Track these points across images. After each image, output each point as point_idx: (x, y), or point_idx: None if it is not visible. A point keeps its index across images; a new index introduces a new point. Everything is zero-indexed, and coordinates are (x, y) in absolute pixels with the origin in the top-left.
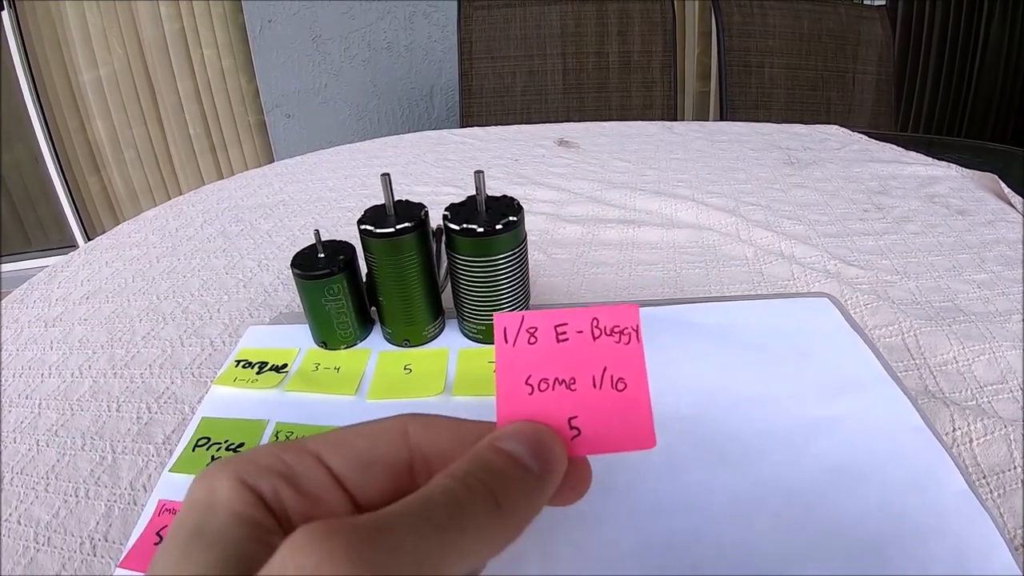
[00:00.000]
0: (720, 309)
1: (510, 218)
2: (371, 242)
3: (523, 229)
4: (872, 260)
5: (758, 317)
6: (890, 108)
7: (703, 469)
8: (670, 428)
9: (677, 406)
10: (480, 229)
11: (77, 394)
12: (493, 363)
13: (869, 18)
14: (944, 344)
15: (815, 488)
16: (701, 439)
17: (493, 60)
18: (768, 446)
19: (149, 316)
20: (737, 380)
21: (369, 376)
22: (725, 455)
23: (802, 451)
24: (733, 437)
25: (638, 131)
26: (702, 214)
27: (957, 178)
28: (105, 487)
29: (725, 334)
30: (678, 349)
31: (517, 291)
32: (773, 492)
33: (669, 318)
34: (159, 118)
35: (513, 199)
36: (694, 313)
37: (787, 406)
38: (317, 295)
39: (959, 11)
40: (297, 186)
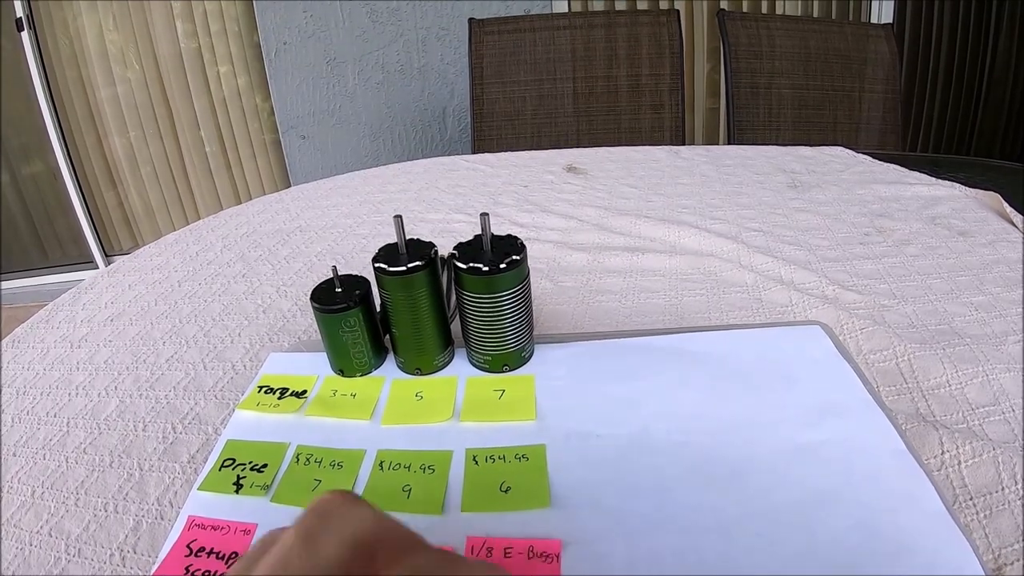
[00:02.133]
0: (714, 338)
1: (513, 257)
2: (385, 279)
3: (526, 266)
4: (870, 284)
5: (750, 346)
6: (897, 127)
7: (689, 491)
8: (660, 452)
9: (668, 432)
10: (485, 268)
11: (104, 413)
12: (499, 391)
13: (875, 37)
14: (937, 367)
15: (795, 509)
16: (689, 463)
17: (504, 84)
18: (751, 469)
19: (172, 339)
20: (726, 407)
21: (383, 402)
22: (711, 478)
23: (784, 474)
24: (719, 460)
25: (645, 156)
26: (705, 241)
27: (960, 198)
28: (133, 502)
29: (717, 362)
30: (673, 377)
31: (521, 323)
32: (755, 513)
33: (666, 347)
34: (175, 135)
35: (516, 238)
36: (689, 342)
37: (771, 431)
38: (335, 327)
39: (966, 29)
40: (313, 212)
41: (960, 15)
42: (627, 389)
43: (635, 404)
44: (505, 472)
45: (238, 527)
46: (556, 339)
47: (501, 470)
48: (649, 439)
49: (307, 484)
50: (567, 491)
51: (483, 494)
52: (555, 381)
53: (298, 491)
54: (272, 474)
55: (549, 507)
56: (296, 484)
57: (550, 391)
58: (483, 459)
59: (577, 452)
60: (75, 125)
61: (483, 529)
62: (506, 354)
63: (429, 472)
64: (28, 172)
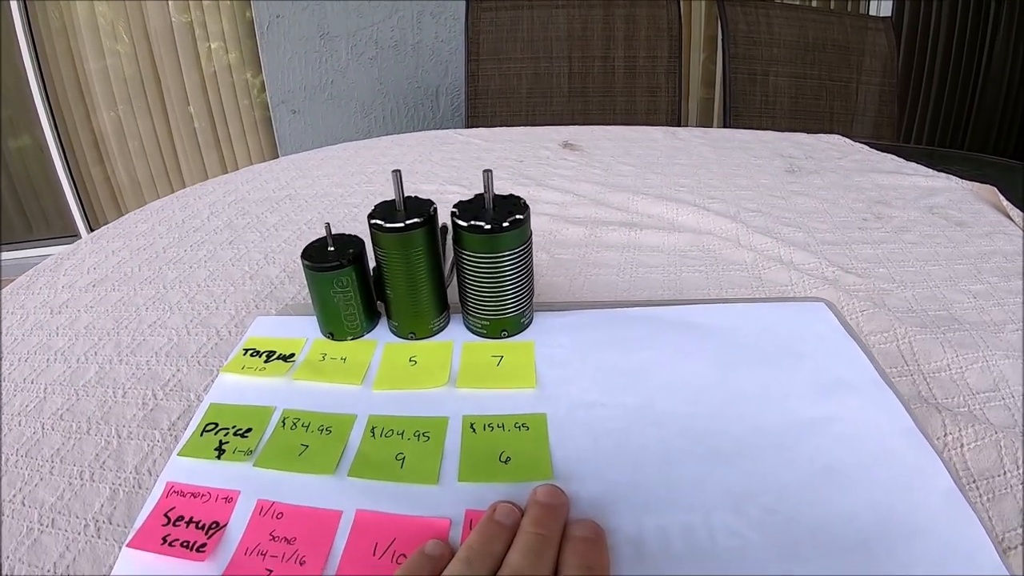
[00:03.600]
0: (719, 311)
1: (517, 216)
2: (381, 236)
3: (529, 227)
4: (870, 268)
5: (756, 320)
6: (893, 119)
7: (697, 463)
8: (667, 424)
9: (674, 403)
10: (487, 226)
11: (83, 379)
12: (497, 357)
13: (874, 29)
14: (938, 351)
15: (806, 485)
16: (696, 435)
17: (499, 62)
18: (760, 443)
19: (156, 305)
20: (732, 380)
21: (375, 367)
22: (718, 450)
23: (793, 449)
24: (726, 434)
25: (642, 136)
26: (703, 219)
27: (957, 190)
28: (110, 471)
29: (723, 335)
30: (677, 348)
31: (521, 288)
32: (764, 487)
33: (670, 318)
34: (164, 110)
35: (520, 198)
36: (694, 314)
37: (780, 405)
38: (326, 287)
39: (964, 24)
40: (303, 181)
41: (959, 11)
42: (631, 359)
43: (640, 375)
44: (504, 441)
45: (219, 494)
46: (556, 307)
47: (500, 439)
48: (655, 411)
49: (293, 449)
50: (570, 462)
51: (481, 464)
52: (556, 349)
53: (284, 456)
54: (256, 439)
55: (552, 479)
56: (282, 449)
57: (550, 359)
58: (481, 427)
59: (580, 422)
60: (63, 98)
61: (482, 500)
62: (505, 319)
63: (424, 440)
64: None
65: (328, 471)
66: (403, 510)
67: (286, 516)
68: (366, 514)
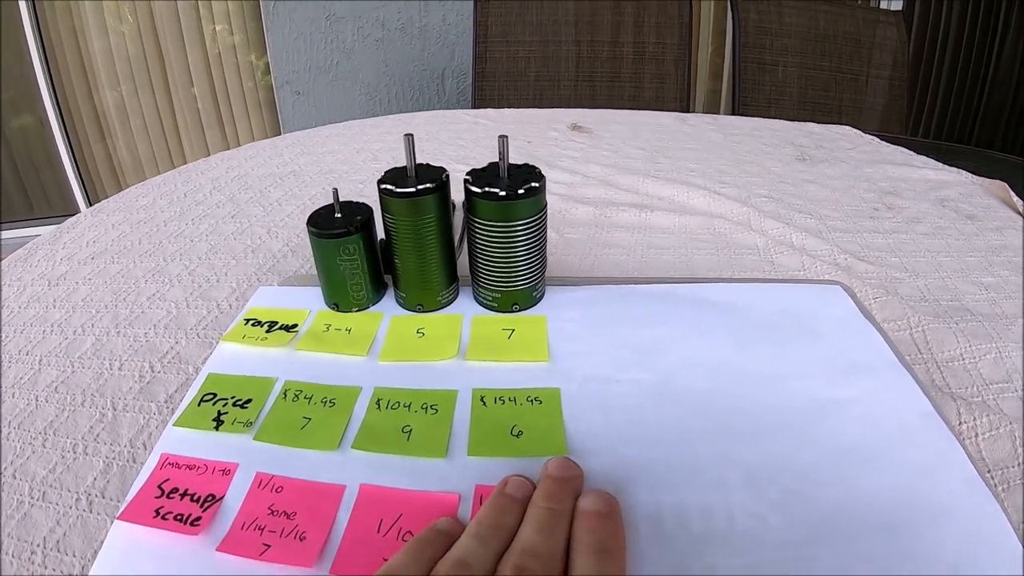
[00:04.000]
0: (734, 289)
1: (532, 184)
2: (391, 202)
3: (544, 196)
4: (881, 257)
5: (772, 299)
6: (902, 113)
7: (714, 442)
8: (683, 401)
9: (691, 379)
10: (502, 193)
11: (79, 351)
12: (508, 330)
13: (885, 22)
14: (951, 341)
15: (825, 466)
16: (713, 412)
17: (508, 44)
18: (779, 422)
19: (155, 277)
20: (749, 358)
21: (381, 338)
22: (735, 429)
23: (812, 429)
24: (744, 412)
25: (652, 120)
26: (714, 203)
27: (967, 184)
28: (104, 444)
29: (739, 313)
30: (692, 325)
31: (534, 259)
32: (784, 468)
33: (685, 295)
34: (167, 89)
35: (535, 167)
36: (709, 292)
37: (798, 385)
38: (332, 255)
39: (975, 20)
40: (308, 158)
41: (969, 5)
42: (646, 335)
43: (655, 351)
44: (516, 415)
45: (216, 466)
46: (568, 282)
47: (511, 413)
48: (671, 387)
49: (295, 422)
50: (584, 438)
51: (492, 438)
52: (569, 323)
53: (285, 429)
54: (256, 410)
55: (565, 453)
56: (283, 421)
57: (563, 334)
58: (491, 400)
59: (594, 397)
60: (65, 77)
61: (492, 475)
62: (517, 292)
63: (431, 412)
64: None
65: (331, 447)
66: (410, 484)
67: (286, 490)
68: (371, 488)
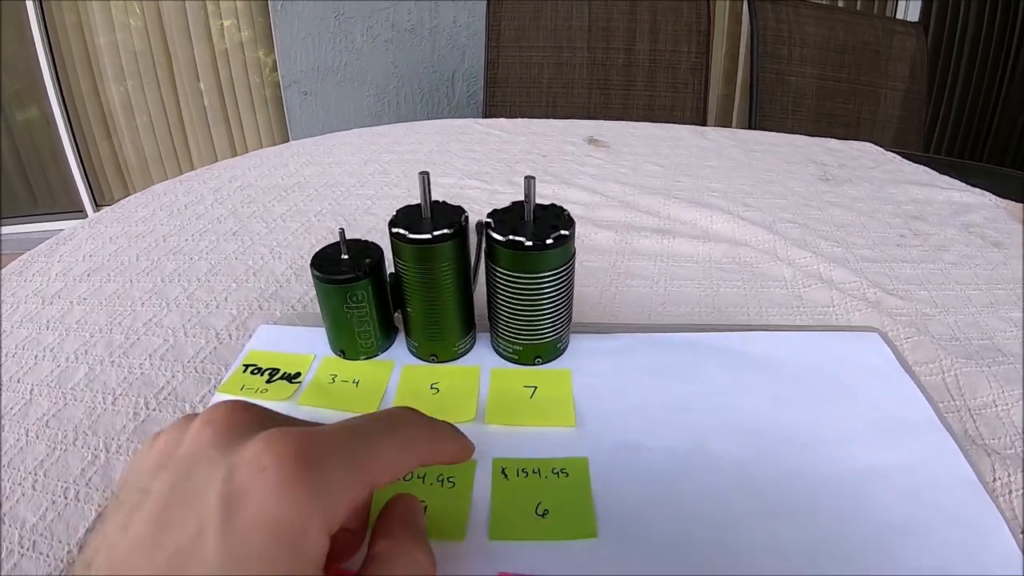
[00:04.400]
0: (768, 340)
1: (561, 232)
2: (403, 248)
3: (573, 244)
4: (911, 291)
5: (808, 351)
6: (920, 127)
7: (754, 519)
8: (719, 470)
9: (727, 446)
10: (528, 243)
11: (71, 382)
12: (530, 388)
13: (905, 34)
14: (984, 386)
15: (869, 544)
16: (752, 485)
17: (521, 49)
18: (822, 496)
19: (152, 300)
20: (787, 420)
21: (392, 393)
22: (777, 503)
23: (854, 502)
24: (785, 484)
25: (669, 134)
26: (739, 228)
27: (991, 207)
28: (96, 490)
29: (774, 368)
30: (726, 381)
31: (560, 312)
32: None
33: (716, 346)
34: (174, 86)
35: (563, 209)
36: (741, 342)
37: (840, 451)
38: (338, 301)
39: (990, 32)
40: (314, 169)
41: (985, 18)
42: (677, 393)
43: (688, 411)
44: (541, 490)
45: None
46: (592, 328)
47: (536, 487)
48: (706, 454)
49: None
50: (616, 516)
51: (515, 517)
52: (595, 379)
53: None
54: None
55: (596, 537)
56: None
57: (590, 391)
58: (514, 472)
59: (625, 467)
60: (71, 71)
61: (517, 561)
62: (540, 345)
63: (448, 486)
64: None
65: None
66: None
67: None
68: None
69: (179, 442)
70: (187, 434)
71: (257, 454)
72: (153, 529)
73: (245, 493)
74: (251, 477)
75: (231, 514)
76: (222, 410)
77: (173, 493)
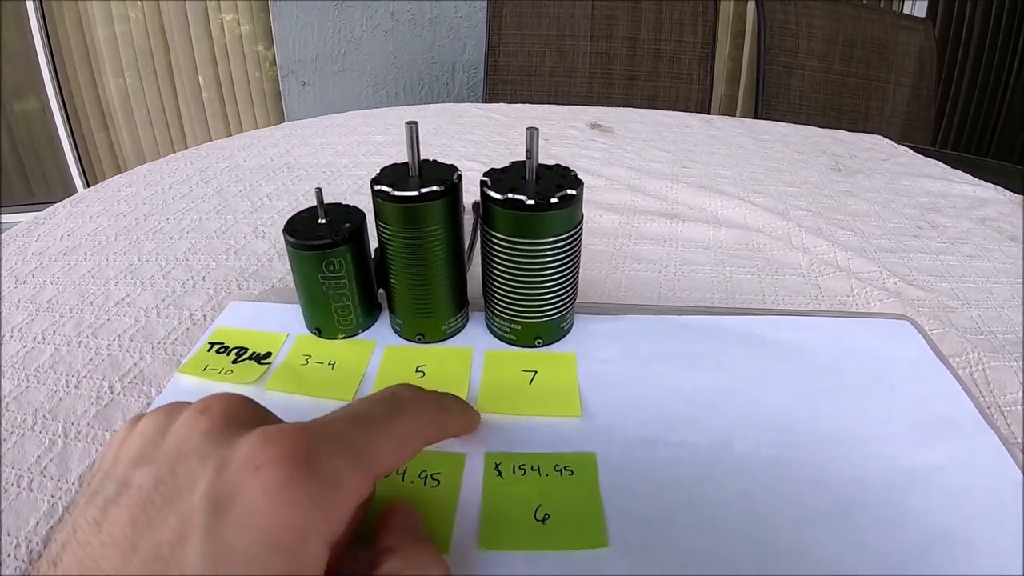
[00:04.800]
0: (793, 325)
1: (568, 191)
2: (387, 208)
3: (580, 207)
4: (931, 282)
5: (836, 338)
6: (929, 124)
7: (790, 528)
8: (748, 472)
9: (756, 444)
10: (530, 201)
11: (36, 363)
12: (530, 372)
13: (912, 29)
14: (1012, 381)
15: (915, 556)
16: (785, 488)
17: (523, 37)
18: (862, 500)
19: (127, 279)
20: (819, 413)
21: (371, 378)
22: (814, 511)
23: (900, 508)
24: (822, 487)
25: (675, 121)
26: (750, 214)
27: (1005, 202)
28: (51, 479)
29: (801, 355)
30: (751, 370)
31: (565, 286)
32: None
33: (737, 331)
34: (172, 79)
35: (569, 169)
36: (764, 327)
37: (879, 449)
38: (313, 270)
39: (996, 28)
40: (305, 149)
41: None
42: (697, 382)
43: (710, 403)
44: (541, 490)
45: None
46: (599, 310)
47: (536, 487)
48: (732, 452)
49: None
50: (629, 523)
51: (511, 523)
52: (603, 364)
53: None
54: None
55: (608, 547)
56: None
57: (598, 378)
58: (509, 469)
59: (639, 466)
60: (69, 63)
61: None
62: (541, 323)
63: (432, 484)
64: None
65: None
66: None
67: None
68: None
69: (164, 429)
70: (176, 422)
71: (252, 451)
72: (129, 530)
73: (235, 493)
74: (243, 476)
75: (218, 516)
76: (220, 400)
77: (155, 489)
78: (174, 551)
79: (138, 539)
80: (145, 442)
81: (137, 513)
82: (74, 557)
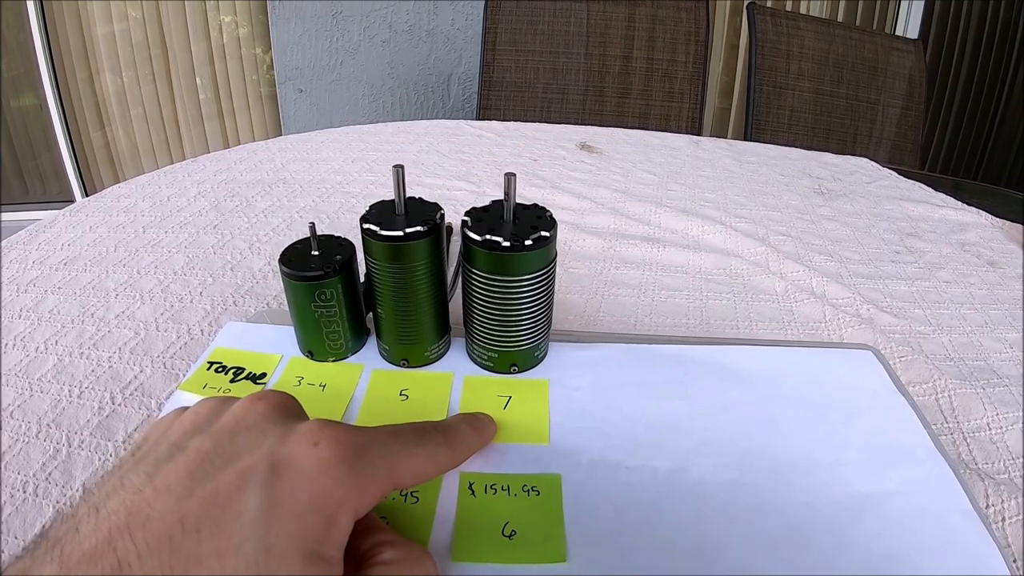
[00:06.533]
0: (758, 355)
1: (542, 233)
2: (374, 245)
3: (554, 247)
4: (905, 308)
5: (799, 368)
6: (918, 146)
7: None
8: (706, 496)
9: (713, 469)
10: (506, 243)
11: (39, 372)
12: (505, 397)
13: (905, 51)
14: (978, 408)
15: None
16: (741, 513)
17: (517, 53)
18: (814, 523)
19: (126, 292)
20: (777, 441)
21: (359, 399)
22: (765, 534)
23: (848, 532)
24: (773, 510)
25: (664, 142)
26: (730, 239)
27: (987, 227)
28: (56, 485)
29: (764, 385)
30: (714, 399)
31: (538, 319)
32: None
33: (704, 360)
34: (169, 79)
35: (546, 210)
36: (730, 356)
37: (833, 476)
38: (306, 299)
39: (988, 50)
40: (300, 164)
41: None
42: (661, 410)
43: (673, 429)
44: (510, 509)
45: None
46: (573, 337)
47: (504, 506)
48: (691, 477)
49: None
50: (588, 541)
51: (480, 538)
52: (574, 391)
53: None
54: None
55: (566, 563)
56: None
57: (567, 404)
58: (482, 488)
59: (601, 488)
60: (67, 59)
61: None
62: (516, 352)
63: (412, 501)
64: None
65: None
66: None
67: None
68: None
69: (219, 412)
70: (233, 405)
71: (312, 429)
72: (187, 479)
73: (293, 459)
74: (302, 448)
75: (275, 474)
76: (274, 394)
77: (214, 450)
78: (231, 498)
79: (195, 486)
80: (199, 420)
81: (195, 467)
82: (122, 502)
